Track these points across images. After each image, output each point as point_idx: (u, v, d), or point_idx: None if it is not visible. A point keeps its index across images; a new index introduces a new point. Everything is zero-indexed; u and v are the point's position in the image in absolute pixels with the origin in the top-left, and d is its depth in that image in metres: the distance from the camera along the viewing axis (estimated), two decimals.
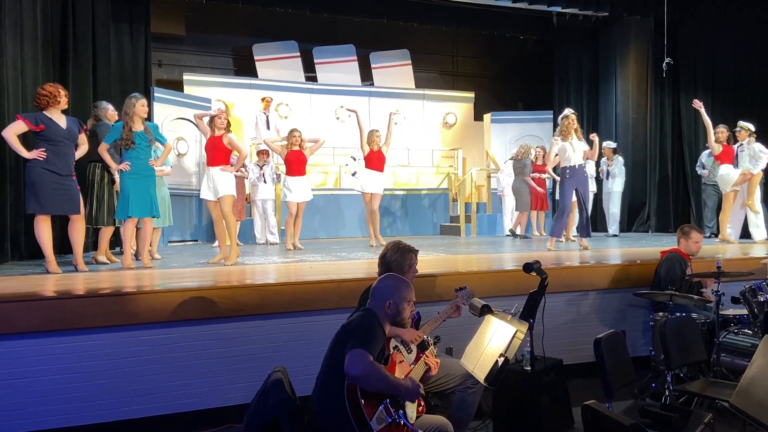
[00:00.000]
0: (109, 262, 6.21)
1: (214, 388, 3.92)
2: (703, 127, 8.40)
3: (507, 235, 10.26)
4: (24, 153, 5.09)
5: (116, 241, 7.18)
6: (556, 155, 7.28)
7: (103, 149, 5.61)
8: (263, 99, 10.54)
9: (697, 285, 4.87)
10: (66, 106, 5.35)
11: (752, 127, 7.95)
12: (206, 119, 6.14)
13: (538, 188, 9.76)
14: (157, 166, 5.86)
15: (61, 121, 5.27)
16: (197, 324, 3.91)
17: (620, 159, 10.04)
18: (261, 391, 2.80)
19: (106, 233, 6.25)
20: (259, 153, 9.32)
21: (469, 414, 3.46)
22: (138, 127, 5.53)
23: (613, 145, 10.18)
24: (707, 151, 8.87)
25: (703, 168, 9.09)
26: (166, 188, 7.05)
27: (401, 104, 12.51)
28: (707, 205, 9.13)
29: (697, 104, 7.91)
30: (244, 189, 9.16)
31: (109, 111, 6.30)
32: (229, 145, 6.01)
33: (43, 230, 5.19)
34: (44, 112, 5.19)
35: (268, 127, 10.30)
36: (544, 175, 9.87)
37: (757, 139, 7.95)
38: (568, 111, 7.19)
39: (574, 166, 7.02)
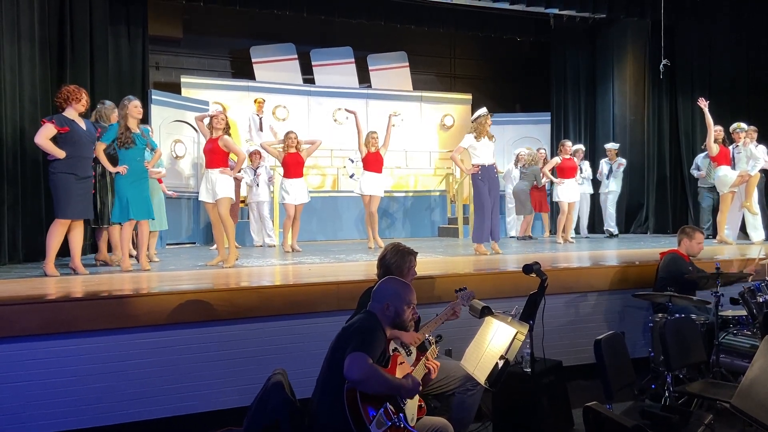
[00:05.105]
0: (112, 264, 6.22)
1: (213, 391, 3.91)
2: (701, 129, 8.39)
3: (519, 238, 10.14)
4: (60, 155, 5.07)
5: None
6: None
7: (100, 149, 5.57)
8: (256, 101, 10.53)
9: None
10: (84, 109, 5.38)
11: (746, 127, 7.98)
12: (206, 120, 6.13)
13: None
14: (151, 167, 5.87)
15: (81, 122, 5.32)
16: (196, 327, 3.90)
17: (623, 161, 10.12)
18: (261, 393, 2.79)
19: (111, 233, 6.21)
20: (252, 154, 9.29)
21: (469, 416, 3.46)
22: (135, 128, 5.56)
23: (616, 146, 10.28)
24: (703, 154, 8.88)
25: (698, 170, 9.10)
26: (161, 193, 7.05)
27: (399, 106, 12.47)
28: (702, 208, 9.15)
29: (702, 103, 7.89)
30: (239, 192, 9.13)
31: (114, 113, 6.29)
32: (225, 147, 5.96)
33: (59, 234, 5.19)
34: (64, 113, 5.21)
35: (261, 129, 10.28)
36: (543, 179, 9.86)
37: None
38: (483, 110, 6.94)
39: (485, 165, 6.85)
